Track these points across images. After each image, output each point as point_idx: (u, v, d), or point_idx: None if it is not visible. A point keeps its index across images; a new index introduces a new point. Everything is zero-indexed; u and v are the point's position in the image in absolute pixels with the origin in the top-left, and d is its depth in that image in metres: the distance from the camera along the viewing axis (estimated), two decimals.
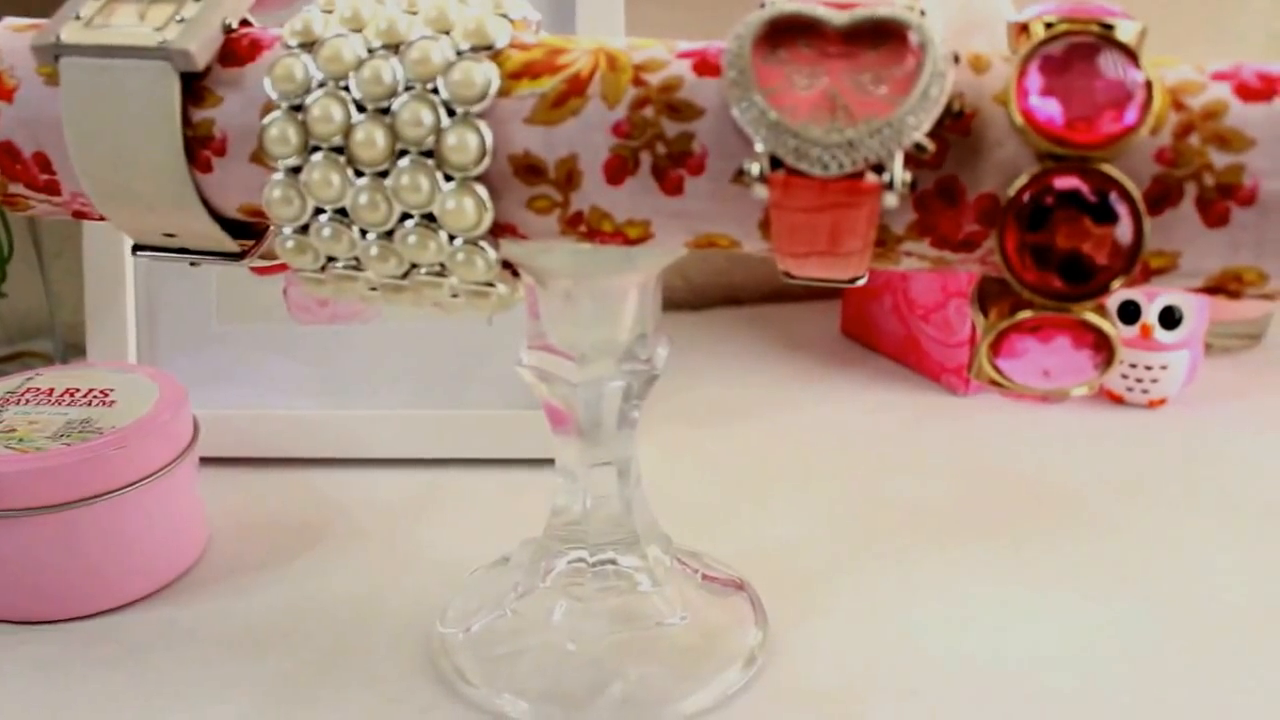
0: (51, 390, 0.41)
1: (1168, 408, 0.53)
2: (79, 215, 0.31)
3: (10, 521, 0.36)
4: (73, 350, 0.57)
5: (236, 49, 0.27)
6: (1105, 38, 0.23)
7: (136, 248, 0.31)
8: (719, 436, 0.51)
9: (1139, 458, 0.49)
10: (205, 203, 0.28)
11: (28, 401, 0.40)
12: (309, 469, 0.48)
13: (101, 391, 0.41)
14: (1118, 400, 0.54)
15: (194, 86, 0.27)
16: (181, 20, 0.27)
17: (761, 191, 0.23)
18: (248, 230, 0.30)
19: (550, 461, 0.46)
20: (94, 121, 0.27)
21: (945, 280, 0.55)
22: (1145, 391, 0.53)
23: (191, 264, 0.31)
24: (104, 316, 0.51)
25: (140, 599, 0.39)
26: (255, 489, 0.47)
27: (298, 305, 0.52)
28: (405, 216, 0.26)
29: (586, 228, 0.26)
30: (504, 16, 0.26)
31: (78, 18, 0.27)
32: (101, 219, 0.31)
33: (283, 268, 0.32)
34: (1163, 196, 0.24)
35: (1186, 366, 0.53)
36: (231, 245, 0.30)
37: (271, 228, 0.31)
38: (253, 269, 0.47)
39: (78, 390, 0.41)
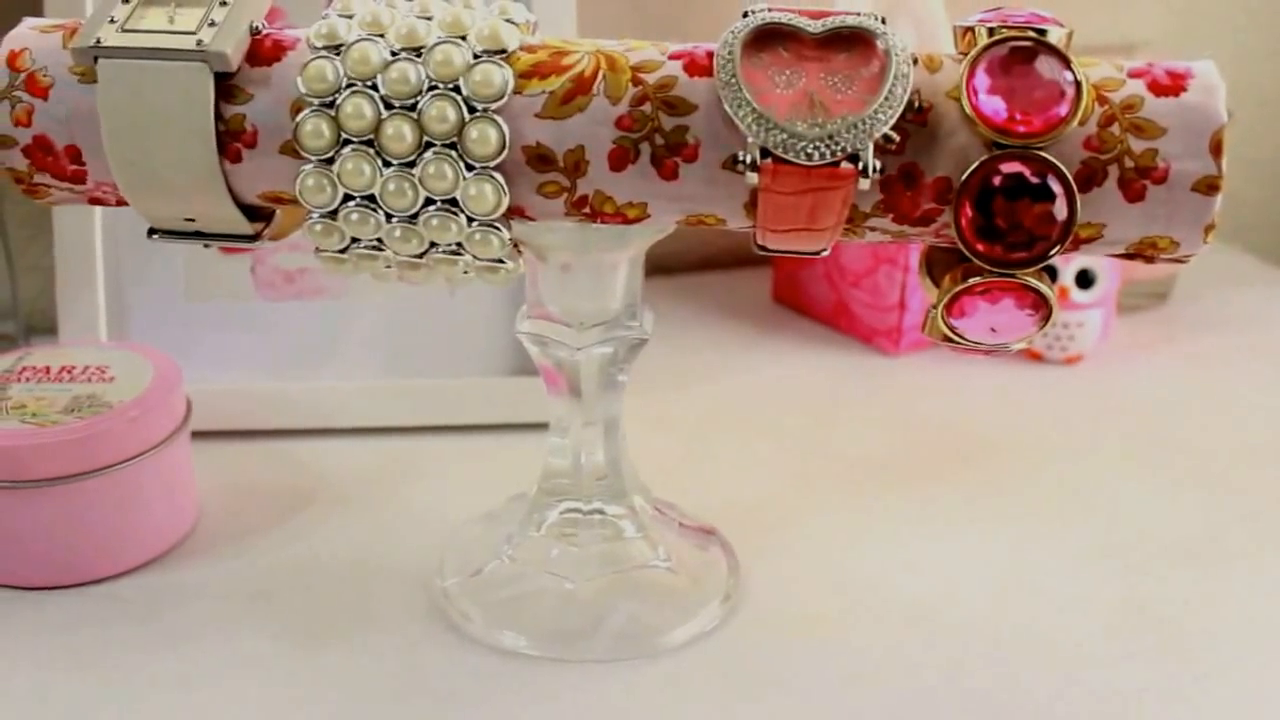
0: (49, 368, 0.43)
1: (1084, 363, 0.58)
2: (95, 201, 0.34)
3: (30, 492, 0.38)
4: (34, 332, 0.58)
5: (261, 50, 0.30)
6: (1040, 43, 0.27)
7: (152, 231, 0.33)
8: (664, 401, 0.54)
9: (1058, 409, 0.54)
10: (230, 190, 0.31)
11: (28, 379, 0.42)
12: (285, 440, 0.50)
13: (98, 368, 0.43)
14: (1037, 357, 0.58)
15: (225, 85, 0.30)
16: (213, 24, 0.29)
17: (753, 178, 0.27)
18: (257, 213, 0.33)
19: (521, 426, 0.50)
20: (132, 118, 0.29)
21: (875, 248, 0.59)
22: (1063, 349, 0.57)
23: (205, 245, 0.34)
24: (75, 297, 0.52)
25: (144, 564, 0.41)
26: (236, 460, 0.49)
27: (264, 283, 0.54)
28: (429, 202, 0.29)
29: (590, 209, 0.30)
30: (510, 21, 0.29)
31: (111, 21, 0.30)
32: (119, 205, 0.33)
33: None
34: (1090, 177, 0.28)
35: (1100, 324, 0.58)
36: (247, 228, 0.33)
37: (279, 211, 0.34)
38: (222, 248, 0.49)
39: (75, 367, 0.43)
